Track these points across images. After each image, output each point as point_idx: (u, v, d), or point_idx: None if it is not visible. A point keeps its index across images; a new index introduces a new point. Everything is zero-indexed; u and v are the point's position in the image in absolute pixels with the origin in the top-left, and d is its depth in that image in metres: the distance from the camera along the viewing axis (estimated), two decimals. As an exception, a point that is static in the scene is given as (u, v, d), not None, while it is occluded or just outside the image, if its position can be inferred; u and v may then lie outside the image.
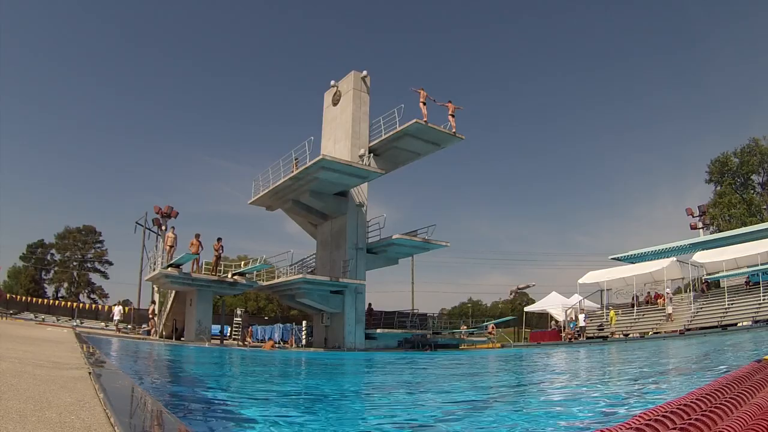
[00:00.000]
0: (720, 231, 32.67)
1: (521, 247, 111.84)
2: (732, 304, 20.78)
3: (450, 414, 4.42)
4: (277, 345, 22.05)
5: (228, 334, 24.05)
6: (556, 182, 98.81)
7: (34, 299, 36.53)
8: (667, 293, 23.69)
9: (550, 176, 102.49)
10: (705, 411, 1.52)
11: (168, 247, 19.73)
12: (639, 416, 1.62)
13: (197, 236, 19.79)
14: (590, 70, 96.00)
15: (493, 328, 28.06)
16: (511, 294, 28.63)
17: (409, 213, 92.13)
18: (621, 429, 1.47)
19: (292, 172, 20.29)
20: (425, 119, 19.94)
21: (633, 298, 25.92)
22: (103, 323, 29.70)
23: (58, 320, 27.84)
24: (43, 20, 75.94)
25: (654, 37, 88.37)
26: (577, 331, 24.26)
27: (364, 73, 22.92)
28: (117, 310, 25.11)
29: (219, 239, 20.67)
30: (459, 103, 21.18)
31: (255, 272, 21.75)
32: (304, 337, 21.90)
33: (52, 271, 54.35)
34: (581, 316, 24.55)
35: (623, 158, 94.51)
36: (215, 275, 19.98)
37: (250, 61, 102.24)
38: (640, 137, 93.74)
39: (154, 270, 20.27)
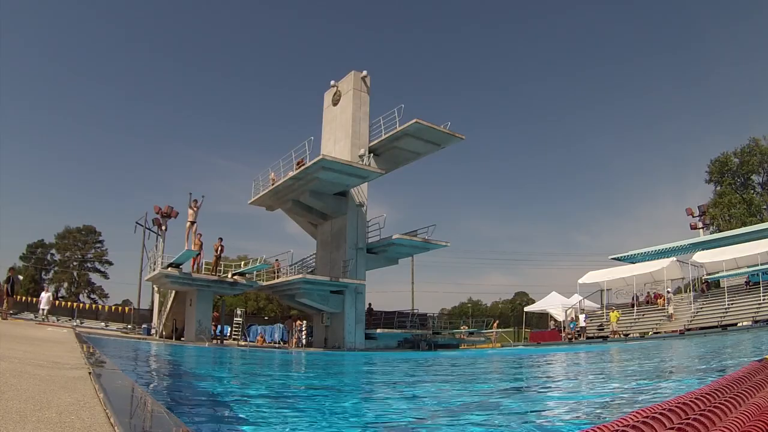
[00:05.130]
0: (720, 231, 32.65)
1: (521, 247, 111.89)
2: (732, 304, 20.78)
3: (450, 414, 4.42)
4: (276, 345, 22.05)
5: (228, 334, 24.04)
6: (557, 182, 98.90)
7: (34, 299, 36.51)
8: (668, 292, 23.72)
9: (551, 176, 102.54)
10: (703, 410, 1.52)
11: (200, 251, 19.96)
12: (635, 413, 1.62)
13: (199, 235, 19.82)
14: (590, 69, 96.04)
15: (495, 324, 28.12)
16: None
17: (409, 213, 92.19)
18: (617, 426, 1.47)
19: (294, 171, 20.30)
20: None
21: (633, 298, 25.92)
22: (32, 314, 26.94)
23: (58, 320, 27.81)
24: (43, 19, 75.98)
25: (654, 37, 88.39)
26: (578, 331, 24.27)
27: (364, 73, 22.92)
28: (45, 298, 21.06)
29: (220, 239, 20.73)
30: (459, 102, 21.21)
31: (255, 272, 21.75)
32: (304, 337, 21.91)
33: (52, 271, 54.38)
34: (581, 316, 24.58)
35: (623, 158, 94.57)
36: (215, 275, 19.99)
37: (250, 61, 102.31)
38: (640, 137, 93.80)
39: (154, 270, 20.28)
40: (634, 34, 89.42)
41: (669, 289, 24.41)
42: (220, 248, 20.48)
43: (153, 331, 23.92)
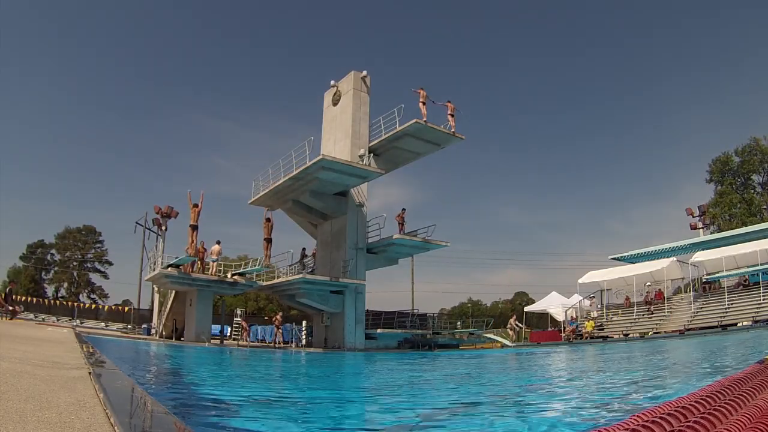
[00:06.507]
0: (720, 231, 32.62)
1: (522, 247, 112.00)
2: (732, 304, 20.76)
3: (450, 415, 4.42)
4: (276, 345, 22.04)
5: (228, 334, 24.04)
6: (557, 182, 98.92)
7: (34, 299, 36.52)
8: (647, 285, 24.28)
9: (550, 176, 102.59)
10: (704, 413, 1.51)
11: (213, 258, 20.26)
12: (637, 416, 1.62)
13: (202, 243, 20.19)
14: (589, 68, 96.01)
15: (514, 320, 27.34)
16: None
17: (409, 213, 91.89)
18: (617, 429, 1.47)
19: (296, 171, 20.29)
20: (425, 119, 19.95)
21: (631, 298, 25.90)
22: (32, 315, 26.90)
23: (58, 320, 27.82)
24: (42, 19, 75.95)
25: (655, 36, 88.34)
26: (578, 332, 24.27)
27: (364, 73, 22.91)
28: None
29: (218, 242, 20.77)
30: (458, 103, 21.27)
31: (255, 273, 21.74)
32: (304, 337, 21.90)
33: (52, 271, 54.37)
34: (594, 313, 25.13)
35: (623, 158, 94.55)
36: (215, 275, 19.99)
37: (250, 61, 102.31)
38: (641, 136, 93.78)
39: (154, 270, 20.28)
40: (635, 33, 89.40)
41: (648, 283, 24.91)
42: (216, 254, 20.51)
43: (153, 331, 23.92)
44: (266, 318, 38.55)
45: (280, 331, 21.89)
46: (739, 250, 21.96)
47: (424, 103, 20.14)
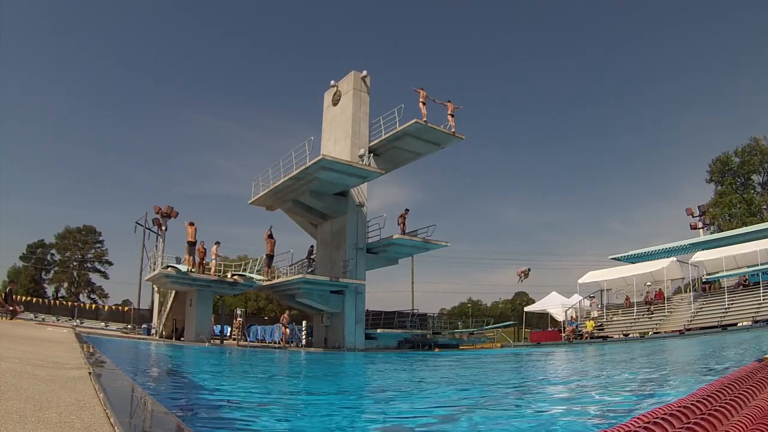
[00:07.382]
0: (720, 231, 32.62)
1: (522, 247, 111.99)
2: (732, 304, 20.76)
3: (450, 415, 4.42)
4: (277, 344, 22.03)
5: (228, 334, 24.03)
6: (557, 182, 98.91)
7: (34, 299, 36.51)
8: (648, 285, 24.35)
9: (550, 176, 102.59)
10: (705, 413, 1.51)
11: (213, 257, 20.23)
12: (638, 418, 1.61)
13: (202, 252, 20.12)
14: (589, 68, 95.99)
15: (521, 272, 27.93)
16: (519, 276, 28.64)
17: (409, 213, 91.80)
18: (620, 431, 1.47)
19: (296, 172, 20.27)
20: (425, 119, 19.95)
21: (631, 298, 25.91)
22: (31, 315, 26.52)
23: (58, 320, 27.82)
24: (42, 19, 75.92)
25: (655, 36, 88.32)
26: (578, 332, 24.28)
27: (364, 73, 22.90)
28: None
29: (217, 243, 20.77)
30: (458, 102, 21.23)
31: (255, 273, 21.71)
32: (304, 337, 21.89)
33: (52, 271, 54.37)
34: (594, 313, 25.15)
35: (623, 158, 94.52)
36: (215, 275, 19.98)
37: (250, 61, 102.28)
38: (641, 136, 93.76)
39: (154, 270, 20.28)
40: (635, 34, 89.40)
41: (648, 283, 24.93)
42: (203, 252, 20.43)
43: (153, 331, 23.93)
44: (266, 318, 38.53)
45: (287, 330, 21.79)
46: (739, 250, 21.95)
47: (424, 103, 20.13)
